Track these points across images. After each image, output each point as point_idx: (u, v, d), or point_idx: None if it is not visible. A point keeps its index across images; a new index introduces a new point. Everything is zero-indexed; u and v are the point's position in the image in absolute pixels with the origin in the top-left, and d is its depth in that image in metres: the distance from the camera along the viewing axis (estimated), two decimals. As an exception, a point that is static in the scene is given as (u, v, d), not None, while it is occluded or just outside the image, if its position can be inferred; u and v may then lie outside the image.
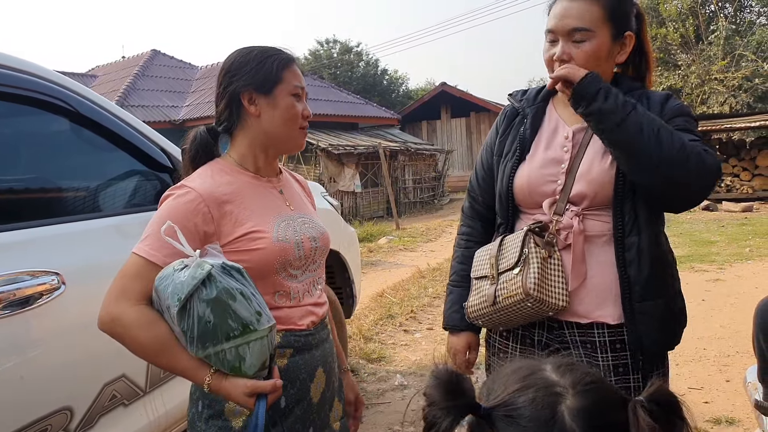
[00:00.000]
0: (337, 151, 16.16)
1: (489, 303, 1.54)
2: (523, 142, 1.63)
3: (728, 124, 15.43)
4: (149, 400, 2.14)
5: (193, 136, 1.52)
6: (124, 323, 1.27)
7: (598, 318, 1.52)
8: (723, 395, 3.67)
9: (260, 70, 1.45)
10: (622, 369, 1.51)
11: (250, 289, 1.25)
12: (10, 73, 1.90)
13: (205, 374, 1.25)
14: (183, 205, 1.35)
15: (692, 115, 1.54)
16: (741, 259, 7.92)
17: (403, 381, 4.15)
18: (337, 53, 34.87)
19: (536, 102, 1.67)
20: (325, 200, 3.72)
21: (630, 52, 1.56)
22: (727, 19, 19.40)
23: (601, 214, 1.52)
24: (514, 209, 1.66)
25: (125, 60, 22.41)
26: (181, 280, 1.20)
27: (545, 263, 1.50)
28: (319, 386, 1.50)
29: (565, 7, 1.50)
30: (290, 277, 1.45)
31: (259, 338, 1.23)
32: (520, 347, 1.64)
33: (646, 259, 1.48)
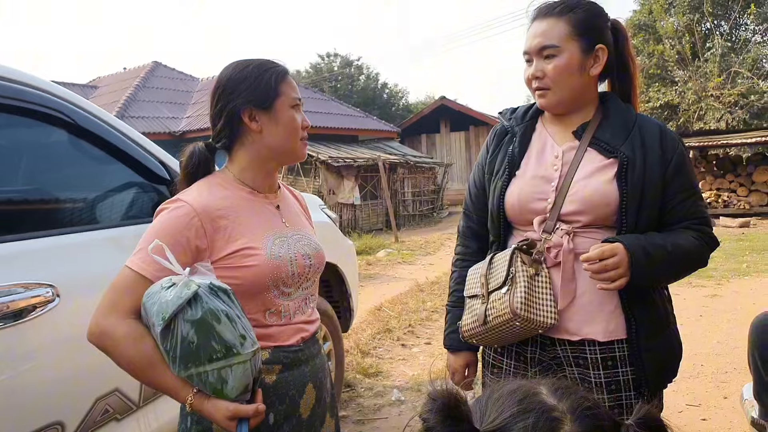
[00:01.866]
0: (337, 163, 16.17)
1: (480, 322, 1.54)
2: (513, 159, 1.65)
3: (725, 140, 15.53)
4: (142, 415, 2.12)
5: (190, 152, 1.51)
6: (113, 337, 1.27)
7: (587, 335, 1.52)
8: (720, 412, 3.65)
9: (259, 85, 1.44)
10: (615, 386, 1.51)
11: (236, 312, 1.24)
12: (8, 85, 1.91)
13: (188, 394, 1.25)
14: (176, 219, 1.35)
15: (687, 156, 1.57)
16: (738, 275, 7.92)
17: (400, 396, 4.12)
18: (338, 66, 35.04)
19: (525, 120, 1.69)
20: (324, 213, 3.72)
21: (605, 64, 1.56)
22: (723, 37, 19.53)
23: (593, 232, 1.53)
24: (506, 226, 1.67)
25: (126, 71, 22.48)
26: (167, 299, 1.20)
27: (532, 281, 1.51)
28: (309, 402, 1.48)
29: (536, 28, 1.56)
30: (282, 295, 1.44)
31: (242, 362, 1.22)
32: (514, 363, 1.65)
33: (651, 300, 1.51)
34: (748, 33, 20.63)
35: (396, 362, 4.92)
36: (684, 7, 19.49)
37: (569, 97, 1.56)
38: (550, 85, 1.54)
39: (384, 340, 5.54)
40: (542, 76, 1.54)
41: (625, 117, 1.56)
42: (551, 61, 1.52)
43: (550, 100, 1.56)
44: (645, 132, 1.53)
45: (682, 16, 19.36)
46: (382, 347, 5.35)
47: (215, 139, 1.51)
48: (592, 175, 1.52)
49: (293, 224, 1.55)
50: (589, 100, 1.60)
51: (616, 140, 1.52)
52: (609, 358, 1.51)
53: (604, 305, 1.51)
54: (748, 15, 19.45)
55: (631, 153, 1.50)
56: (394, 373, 4.65)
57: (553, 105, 1.58)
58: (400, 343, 5.48)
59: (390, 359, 5.01)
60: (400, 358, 5.06)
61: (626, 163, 1.49)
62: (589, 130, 1.56)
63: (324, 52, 35.91)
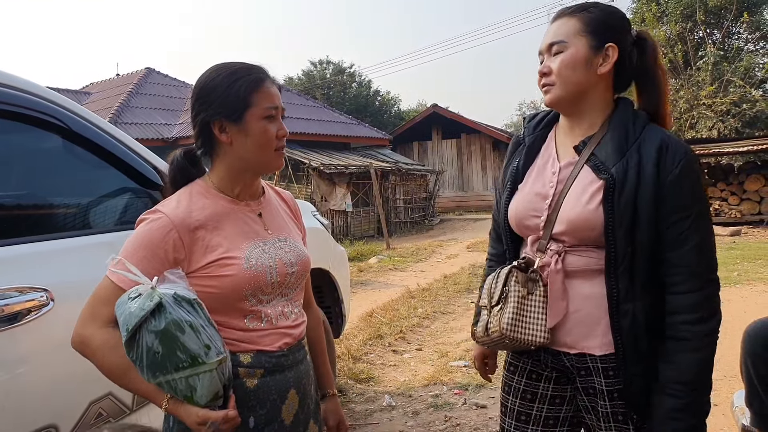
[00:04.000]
0: (329, 170, 16.18)
1: (484, 332, 1.58)
2: (516, 173, 1.65)
3: (717, 148, 15.62)
4: (135, 419, 2.12)
5: (170, 159, 1.52)
6: (91, 345, 1.31)
7: (584, 349, 1.52)
8: (711, 419, 3.63)
9: (228, 96, 1.40)
10: (617, 394, 1.50)
11: (200, 321, 1.26)
12: (2, 90, 1.91)
13: (163, 398, 1.28)
14: (154, 232, 1.36)
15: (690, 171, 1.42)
16: (729, 284, 7.94)
17: (391, 402, 4.13)
18: (331, 74, 35.09)
19: (536, 131, 1.68)
20: (316, 219, 3.73)
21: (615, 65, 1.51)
22: (715, 46, 19.69)
23: (586, 251, 1.50)
24: (514, 238, 1.68)
25: (119, 77, 22.44)
26: (130, 310, 1.22)
27: (524, 300, 1.52)
28: (292, 408, 1.48)
29: (549, 29, 1.56)
30: (261, 303, 1.44)
31: (208, 371, 1.24)
32: (532, 361, 1.66)
33: (641, 329, 1.45)
34: (741, 42, 20.79)
35: (387, 368, 4.93)
36: (676, 16, 19.63)
37: (573, 93, 1.52)
38: (554, 81, 1.52)
39: (375, 346, 5.54)
40: (549, 72, 1.53)
41: (629, 130, 1.48)
42: (558, 57, 1.51)
43: (554, 95, 1.53)
44: (645, 147, 1.43)
45: (675, 25, 19.51)
46: (374, 353, 5.35)
47: (196, 146, 1.50)
48: (581, 197, 1.48)
49: (276, 230, 1.54)
50: (599, 106, 1.54)
51: (610, 158, 1.45)
52: (610, 369, 1.49)
53: (599, 321, 1.49)
54: (740, 24, 19.63)
55: (621, 173, 1.42)
56: (385, 379, 4.66)
57: (556, 100, 1.54)
58: (391, 349, 5.49)
59: (381, 365, 5.01)
60: (391, 364, 5.06)
61: (612, 185, 1.42)
62: (589, 145, 1.51)
63: (316, 59, 35.87)
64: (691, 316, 1.41)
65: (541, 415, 1.64)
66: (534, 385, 1.66)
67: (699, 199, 1.44)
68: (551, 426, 1.64)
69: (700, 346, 1.41)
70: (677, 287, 1.42)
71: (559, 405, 1.64)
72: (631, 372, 1.46)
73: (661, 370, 1.45)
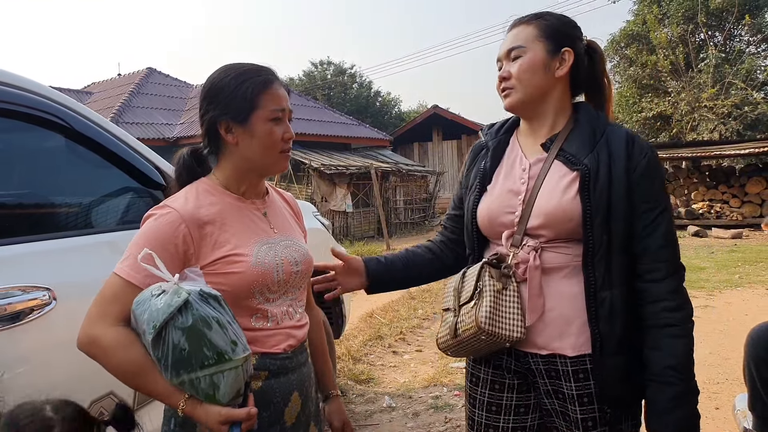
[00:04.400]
0: (329, 171, 16.18)
1: (452, 335, 1.56)
2: (484, 174, 1.67)
3: (718, 151, 15.63)
4: (136, 418, 2.12)
5: (177, 157, 1.51)
6: (102, 345, 1.27)
7: (556, 350, 1.52)
8: (712, 423, 3.66)
9: (235, 97, 1.41)
10: (587, 399, 1.51)
11: (226, 318, 1.24)
12: (4, 89, 1.91)
13: (180, 399, 1.25)
14: (164, 226, 1.34)
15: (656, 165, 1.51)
16: (731, 286, 7.95)
17: (391, 403, 4.13)
18: (331, 75, 35.10)
19: (498, 135, 1.72)
20: (317, 220, 3.72)
21: (573, 68, 1.58)
22: (717, 48, 19.66)
23: (561, 247, 1.52)
24: (481, 240, 1.69)
25: (121, 77, 22.45)
26: (157, 307, 1.19)
27: (499, 296, 1.51)
28: (294, 410, 1.48)
29: (506, 37, 1.62)
30: (268, 302, 1.44)
31: (233, 368, 1.22)
32: (492, 371, 1.66)
33: (618, 316, 1.47)
34: (743, 44, 20.77)
35: (387, 369, 4.93)
36: (678, 18, 19.61)
37: (532, 96, 1.57)
38: (514, 84, 1.57)
39: (375, 347, 5.54)
40: (508, 76, 1.57)
41: (593, 127, 1.55)
42: (517, 61, 1.56)
43: (514, 98, 1.58)
44: (612, 141, 1.51)
45: (676, 27, 19.47)
46: (374, 354, 5.35)
47: (203, 145, 1.51)
48: (556, 189, 1.51)
49: (281, 230, 1.54)
50: (558, 108, 1.60)
51: (581, 152, 1.51)
52: (580, 371, 1.50)
53: (573, 320, 1.50)
54: (742, 26, 19.61)
55: (594, 164, 1.48)
56: (385, 380, 4.66)
57: (517, 104, 1.59)
58: (391, 350, 5.49)
59: (381, 366, 5.01)
60: (391, 365, 5.06)
61: (587, 175, 1.47)
62: (557, 142, 1.56)
63: (317, 60, 35.87)
64: (671, 302, 1.46)
65: (509, 427, 1.64)
66: (498, 396, 1.65)
67: (665, 191, 1.53)
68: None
69: (685, 332, 1.46)
70: (653, 274, 1.47)
71: (524, 414, 1.64)
72: (606, 364, 1.47)
73: (652, 359, 1.47)
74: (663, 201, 1.50)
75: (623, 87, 21.71)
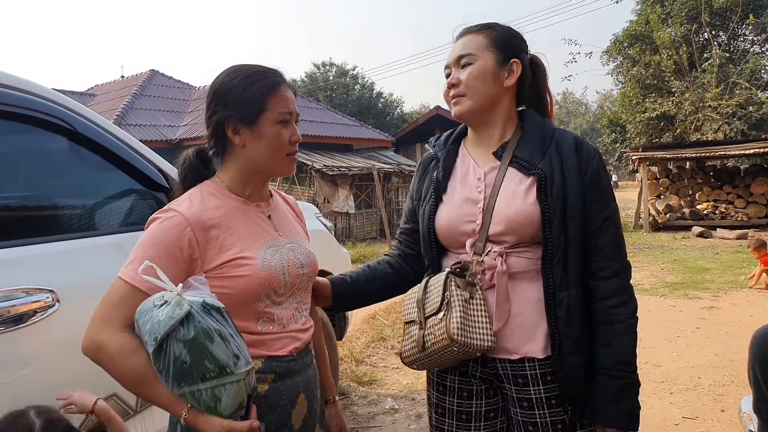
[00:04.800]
0: (332, 172, 16.18)
1: (419, 348, 1.54)
2: (438, 184, 1.68)
3: (722, 151, 15.54)
4: (139, 420, 2.12)
5: (182, 158, 1.50)
6: (107, 351, 1.26)
7: (526, 353, 1.53)
8: (718, 425, 3.65)
9: (244, 99, 1.40)
10: (555, 401, 1.53)
11: (229, 330, 1.23)
12: (8, 92, 1.91)
13: (182, 408, 1.24)
14: (168, 230, 1.33)
15: (602, 166, 1.57)
16: (736, 287, 7.92)
17: (394, 404, 4.12)
18: (333, 76, 35.12)
19: (447, 145, 1.74)
20: (319, 221, 3.72)
21: (521, 79, 1.61)
22: (721, 47, 19.56)
23: (524, 251, 1.54)
24: (439, 250, 1.68)
25: (124, 79, 22.51)
26: (159, 318, 1.18)
27: (468, 305, 1.51)
28: (301, 412, 1.47)
29: (456, 45, 1.64)
30: (274, 305, 1.43)
31: (235, 381, 1.21)
32: (459, 379, 1.66)
33: (575, 315, 1.50)
34: (747, 43, 20.67)
35: (390, 371, 4.91)
36: (681, 17, 19.51)
37: (482, 104, 1.59)
38: (464, 92, 1.58)
39: (378, 348, 5.54)
40: (458, 83, 1.59)
41: (542, 132, 1.59)
42: (467, 69, 1.58)
43: (464, 106, 1.59)
44: (562, 145, 1.56)
45: (680, 26, 19.37)
46: (376, 355, 5.34)
47: (209, 146, 1.50)
48: (515, 195, 1.54)
49: (286, 233, 1.53)
50: (505, 117, 1.63)
51: (534, 157, 1.54)
52: (548, 374, 1.52)
53: (540, 323, 1.53)
54: (746, 25, 19.53)
55: (548, 168, 1.52)
56: (388, 382, 4.65)
57: (466, 112, 1.60)
58: (394, 351, 5.47)
59: (384, 367, 5.00)
60: (394, 366, 5.05)
61: (544, 178, 1.51)
62: (508, 150, 1.59)
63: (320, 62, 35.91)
64: (619, 299, 1.52)
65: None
66: (467, 404, 1.66)
67: (612, 194, 1.59)
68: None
69: (631, 327, 1.52)
70: (604, 272, 1.53)
71: (494, 419, 1.66)
72: (566, 363, 1.50)
73: (602, 354, 1.51)
74: (611, 201, 1.57)
75: (626, 87, 21.66)
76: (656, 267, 10.05)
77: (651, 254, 11.69)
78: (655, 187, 17.24)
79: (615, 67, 22.36)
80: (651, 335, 5.67)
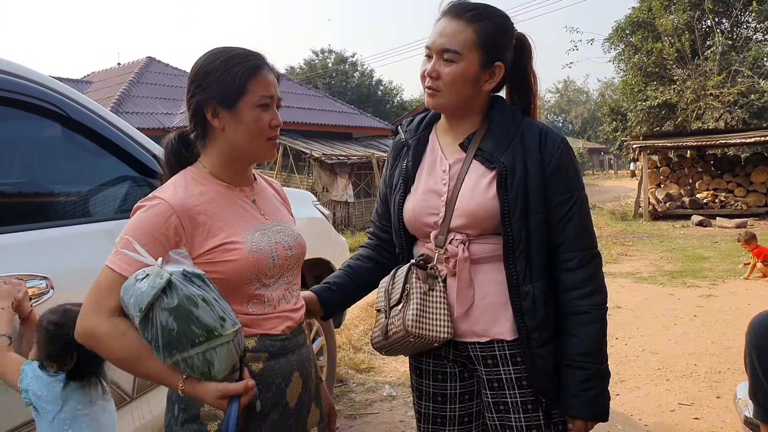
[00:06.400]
0: (331, 160, 16.15)
1: (383, 336, 1.58)
2: (407, 174, 1.68)
3: (723, 139, 15.51)
4: (136, 407, 2.13)
5: (165, 142, 1.49)
6: (98, 336, 1.28)
7: (495, 335, 1.56)
8: (713, 411, 3.66)
9: (223, 81, 1.38)
10: (526, 382, 1.55)
11: (212, 295, 1.24)
12: (4, 77, 1.90)
13: (178, 380, 1.26)
14: (153, 217, 1.33)
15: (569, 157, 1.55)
16: (734, 276, 7.94)
17: (391, 392, 4.14)
18: (332, 63, 35.01)
19: (418, 132, 1.72)
20: (316, 209, 3.71)
21: (500, 81, 1.58)
22: (724, 35, 19.47)
23: (488, 239, 1.55)
24: (409, 238, 1.70)
25: (120, 66, 22.39)
26: (141, 290, 1.20)
27: (426, 297, 1.54)
28: (296, 390, 1.48)
29: (444, 26, 1.55)
30: (264, 287, 1.43)
31: (225, 343, 1.22)
32: (433, 362, 1.68)
33: (541, 307, 1.51)
34: (750, 31, 20.58)
35: (388, 358, 4.92)
36: (684, 4, 19.37)
37: (457, 104, 1.58)
38: (441, 88, 1.55)
39: (378, 336, 5.54)
40: (437, 77, 1.55)
41: (509, 124, 1.57)
42: (449, 66, 1.53)
43: (438, 101, 1.58)
44: (526, 137, 1.54)
45: (682, 14, 19.25)
46: (376, 343, 5.35)
47: (190, 130, 1.48)
48: (476, 188, 1.54)
49: (272, 216, 1.53)
50: (478, 110, 1.62)
51: (497, 150, 1.54)
52: (518, 354, 1.54)
53: (507, 305, 1.54)
54: (750, 12, 19.41)
55: (510, 161, 1.51)
56: (385, 369, 4.66)
57: (439, 107, 1.61)
58: (393, 339, 5.48)
59: (382, 355, 5.01)
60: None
61: (505, 172, 1.50)
62: (474, 142, 1.58)
63: (318, 49, 35.77)
64: (584, 290, 1.52)
65: (455, 415, 1.68)
66: (442, 386, 1.68)
67: (579, 182, 1.57)
68: (467, 423, 1.69)
69: (597, 318, 1.52)
70: (567, 263, 1.53)
71: (470, 401, 1.68)
72: (535, 355, 1.51)
73: (566, 345, 1.53)
74: (576, 191, 1.54)
75: (628, 75, 21.58)
76: (655, 255, 10.06)
77: (650, 243, 11.70)
78: (656, 175, 17.22)
79: (617, 54, 22.27)
80: (649, 323, 5.68)
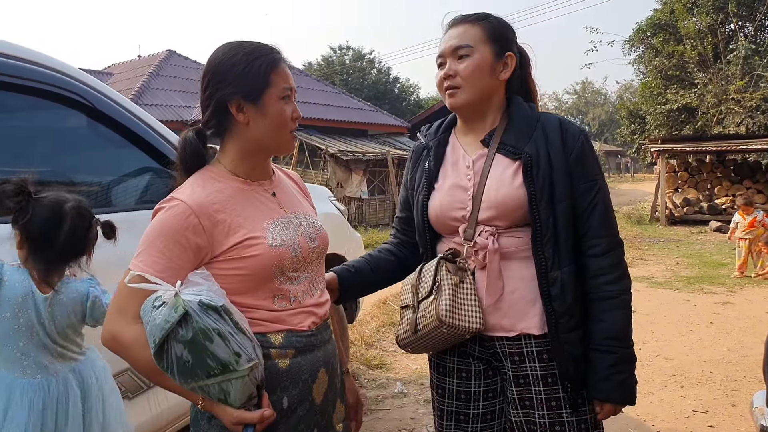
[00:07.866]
0: (346, 157, 16.17)
1: (412, 331, 1.60)
2: (430, 173, 1.71)
3: (744, 145, 15.26)
4: (152, 395, 2.15)
5: (182, 140, 1.47)
6: (122, 343, 1.29)
7: (523, 330, 1.58)
8: (728, 420, 3.63)
9: (248, 75, 1.39)
10: (551, 379, 1.56)
11: (227, 329, 1.23)
12: (30, 67, 1.92)
13: (198, 397, 1.28)
14: (173, 218, 1.33)
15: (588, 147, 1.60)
16: (752, 283, 7.85)
17: (403, 389, 4.14)
18: (350, 60, 35.01)
19: (438, 135, 1.76)
20: (333, 205, 3.72)
21: (513, 71, 1.63)
22: (747, 39, 19.18)
23: (517, 231, 1.58)
24: (433, 237, 1.72)
25: (141, 59, 22.54)
26: (156, 322, 1.19)
27: (457, 288, 1.56)
28: (322, 387, 1.48)
29: (450, 33, 1.64)
30: (288, 281, 1.43)
31: (240, 377, 1.22)
32: (458, 360, 1.70)
33: (569, 293, 1.54)
34: (774, 35, 20.25)
35: (399, 355, 4.93)
36: (707, 7, 19.06)
37: (478, 97, 1.61)
38: (461, 84, 1.59)
39: (388, 332, 5.56)
40: (454, 74, 1.60)
41: (528, 118, 1.61)
42: (464, 61, 1.59)
43: (459, 98, 1.60)
44: (547, 128, 1.59)
45: (705, 17, 18.95)
46: (386, 340, 5.36)
47: (205, 126, 1.47)
48: (502, 180, 1.57)
49: (292, 208, 1.53)
50: (497, 106, 1.66)
51: (520, 142, 1.58)
52: (545, 351, 1.56)
53: (535, 300, 1.57)
54: (774, 17, 19.11)
55: (534, 151, 1.55)
56: (397, 366, 4.67)
57: (461, 104, 1.62)
58: (405, 337, 5.48)
59: (394, 352, 5.02)
60: (403, 351, 5.06)
61: (530, 161, 1.54)
62: (496, 137, 1.62)
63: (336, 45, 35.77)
64: (610, 276, 1.56)
65: (479, 413, 1.70)
66: (466, 384, 1.69)
67: (600, 171, 1.62)
68: (489, 420, 1.70)
69: (623, 303, 1.56)
70: (594, 249, 1.57)
71: (493, 398, 1.69)
72: (563, 340, 1.54)
73: (594, 330, 1.55)
74: (599, 179, 1.59)
75: (648, 78, 21.36)
76: (671, 260, 9.98)
77: (666, 248, 11.59)
78: (674, 180, 17.04)
79: (637, 56, 22.05)
80: (663, 329, 5.63)
